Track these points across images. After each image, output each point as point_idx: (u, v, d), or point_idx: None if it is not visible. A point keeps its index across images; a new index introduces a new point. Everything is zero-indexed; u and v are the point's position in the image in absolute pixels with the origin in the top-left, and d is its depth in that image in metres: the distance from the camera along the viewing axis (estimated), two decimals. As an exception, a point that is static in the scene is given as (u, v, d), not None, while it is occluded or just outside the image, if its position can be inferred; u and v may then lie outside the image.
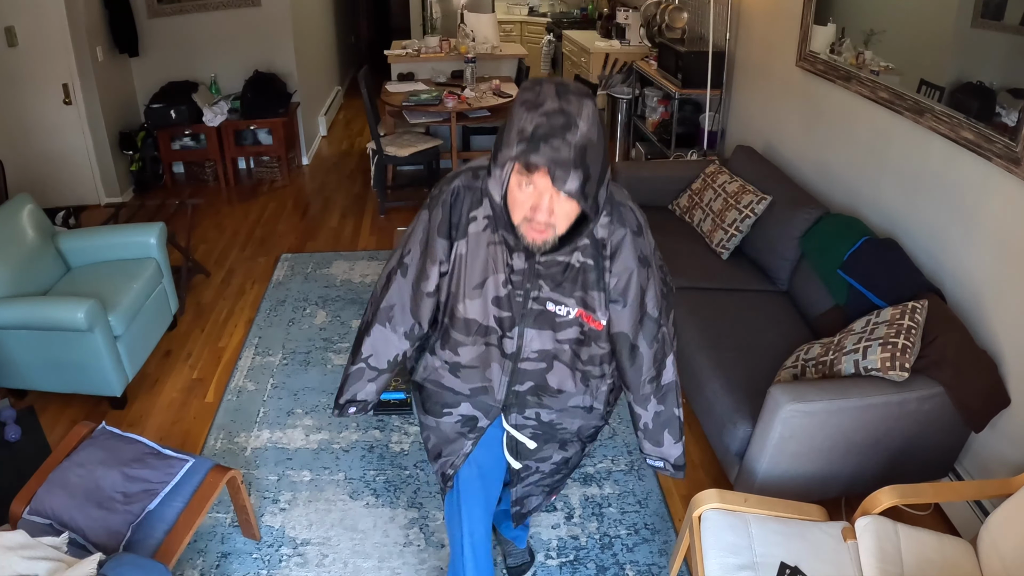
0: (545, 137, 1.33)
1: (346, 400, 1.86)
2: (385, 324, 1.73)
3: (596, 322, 1.64)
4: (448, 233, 1.61)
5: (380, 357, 1.77)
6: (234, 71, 5.60)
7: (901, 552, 1.83)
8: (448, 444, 1.88)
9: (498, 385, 1.75)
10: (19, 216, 3.14)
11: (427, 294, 1.67)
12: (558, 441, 1.91)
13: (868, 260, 2.68)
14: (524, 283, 1.60)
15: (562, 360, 1.71)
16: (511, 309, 1.63)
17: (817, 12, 3.36)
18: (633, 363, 1.71)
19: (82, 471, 2.08)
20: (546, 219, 1.43)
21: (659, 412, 1.79)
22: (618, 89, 5.45)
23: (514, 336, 1.66)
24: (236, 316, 3.78)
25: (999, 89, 2.31)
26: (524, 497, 2.06)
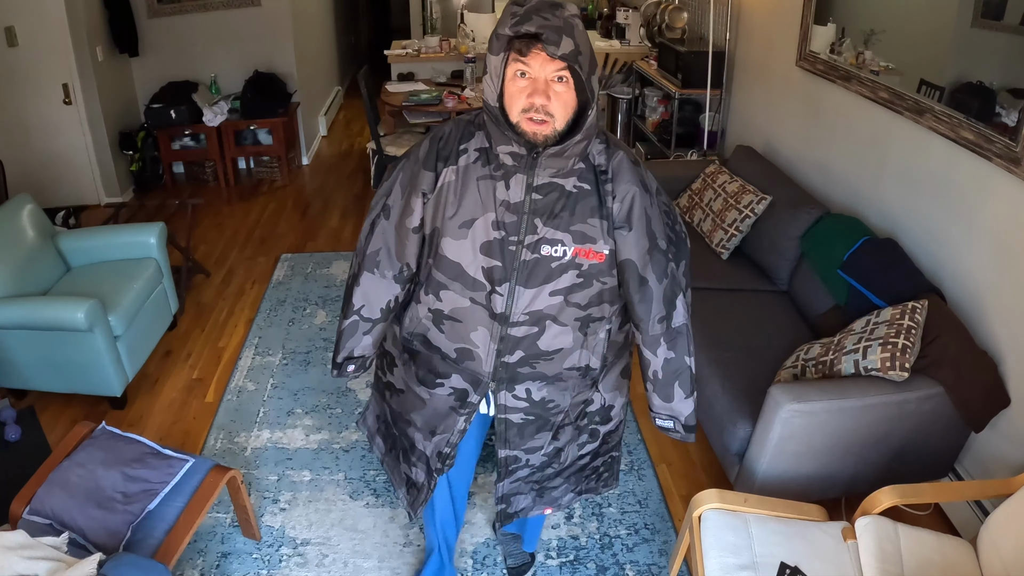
0: (536, 10, 1.39)
1: (344, 358, 1.82)
2: (373, 271, 1.71)
3: (597, 254, 1.58)
4: (434, 165, 1.59)
5: (372, 306, 1.74)
6: (234, 71, 5.60)
7: (901, 552, 1.83)
8: (443, 420, 1.81)
9: (485, 354, 1.68)
10: (19, 216, 3.14)
11: (412, 230, 1.64)
12: (550, 427, 1.83)
13: (868, 260, 2.68)
14: (518, 226, 1.56)
15: (556, 320, 1.64)
16: (502, 258, 1.57)
17: (817, 12, 3.36)
18: (643, 297, 1.64)
19: (82, 471, 2.08)
20: (543, 103, 1.44)
21: (669, 359, 1.73)
22: (618, 89, 5.45)
23: (504, 293, 1.60)
24: (236, 316, 3.78)
25: (999, 89, 2.31)
26: (511, 495, 1.94)
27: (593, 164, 1.57)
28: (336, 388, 3.17)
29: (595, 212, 1.57)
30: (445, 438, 1.83)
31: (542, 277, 1.58)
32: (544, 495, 1.97)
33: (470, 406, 1.77)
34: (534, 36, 1.39)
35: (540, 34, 1.37)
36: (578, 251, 1.57)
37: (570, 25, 1.39)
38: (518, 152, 1.52)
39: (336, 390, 3.16)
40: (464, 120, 1.63)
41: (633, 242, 1.60)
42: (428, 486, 1.91)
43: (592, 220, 1.57)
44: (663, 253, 1.63)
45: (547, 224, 1.56)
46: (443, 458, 1.86)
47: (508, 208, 1.55)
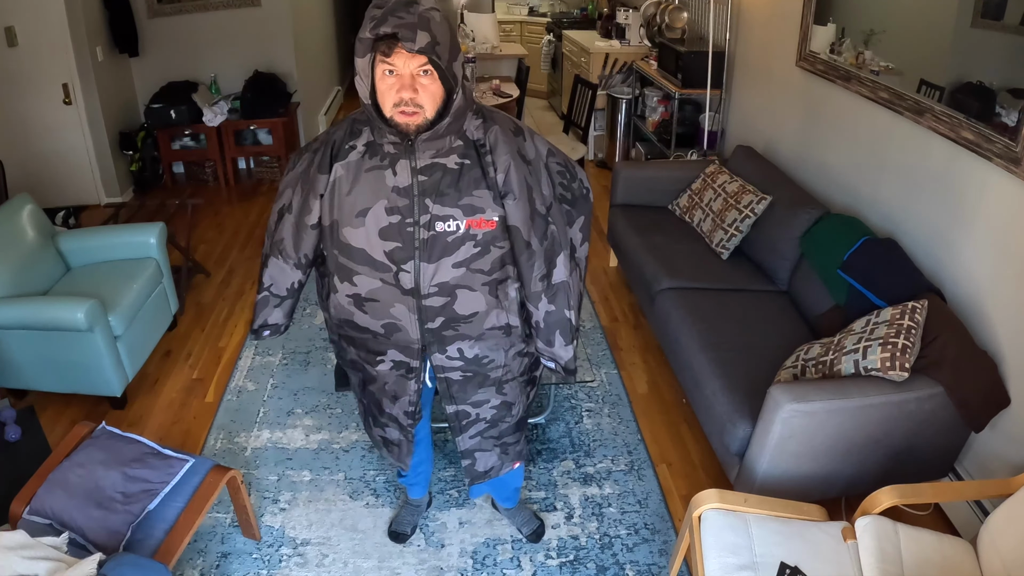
0: (391, 11, 1.48)
1: (259, 325, 1.99)
2: (278, 256, 1.87)
3: (488, 222, 1.71)
4: (328, 168, 1.72)
5: (279, 286, 1.91)
6: (234, 71, 5.60)
7: (901, 552, 1.83)
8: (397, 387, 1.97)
9: (409, 324, 1.81)
10: (19, 216, 3.14)
11: (310, 227, 1.79)
12: (493, 382, 1.96)
13: (868, 260, 2.68)
14: (410, 208, 1.68)
15: (464, 285, 1.76)
16: (401, 239, 1.70)
17: (817, 12, 3.36)
18: (527, 259, 1.78)
19: (82, 471, 2.08)
20: (411, 96, 1.56)
21: (550, 312, 1.86)
22: (618, 89, 5.45)
23: (410, 270, 1.73)
24: (236, 316, 3.78)
25: (999, 89, 2.31)
26: (473, 450, 2.07)
27: (472, 139, 1.70)
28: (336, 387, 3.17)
29: (479, 183, 1.69)
30: (406, 399, 1.98)
31: (440, 251, 1.71)
32: (508, 451, 2.13)
33: (415, 371, 1.92)
34: (392, 36, 1.49)
35: (396, 33, 1.48)
36: (470, 223, 1.70)
37: (425, 19, 1.50)
38: (397, 141, 1.65)
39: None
40: (352, 119, 1.76)
41: (517, 209, 1.72)
42: (406, 439, 2.08)
43: (478, 192, 1.69)
44: (542, 217, 1.77)
45: (436, 202, 1.68)
46: (410, 415, 2.02)
47: (399, 193, 1.68)
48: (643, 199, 3.93)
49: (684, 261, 3.30)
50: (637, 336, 3.59)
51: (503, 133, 1.72)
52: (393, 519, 2.49)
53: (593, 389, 3.18)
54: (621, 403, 3.09)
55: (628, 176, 3.94)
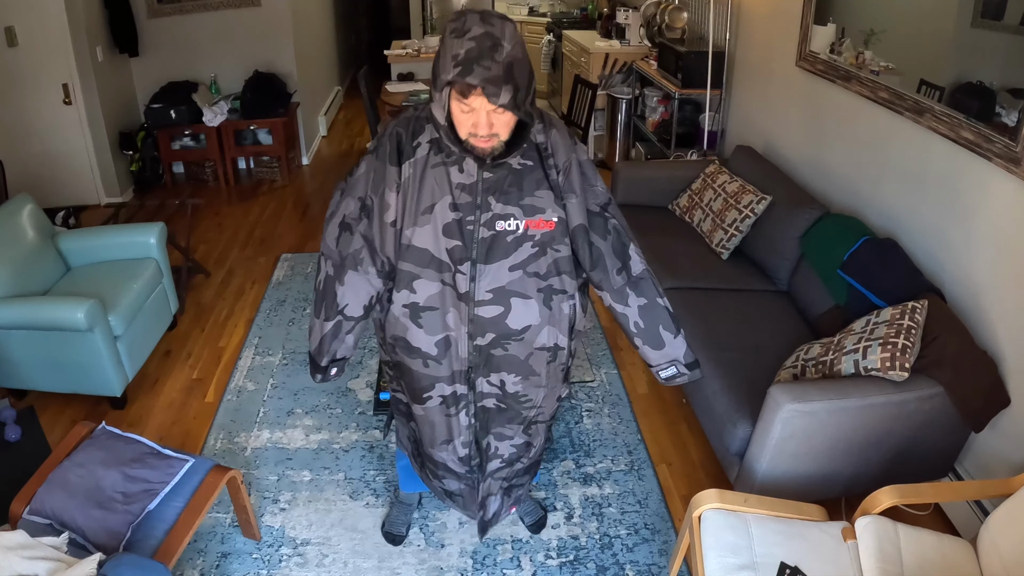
0: (477, 59, 1.47)
1: (328, 361, 1.90)
2: (357, 268, 1.79)
3: (548, 222, 1.72)
4: (398, 160, 1.70)
5: (355, 304, 1.82)
6: (234, 71, 5.60)
7: (901, 552, 1.83)
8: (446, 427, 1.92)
9: (460, 338, 1.78)
10: (19, 216, 3.14)
11: (390, 224, 1.74)
12: (522, 420, 1.94)
13: (868, 260, 2.68)
14: (472, 206, 1.68)
15: (519, 292, 1.75)
16: (461, 238, 1.70)
17: (817, 12, 3.36)
18: (594, 261, 1.80)
19: (82, 471, 2.08)
20: (487, 132, 1.58)
21: (643, 305, 1.84)
22: (618, 89, 5.45)
23: (467, 272, 1.71)
24: (236, 316, 3.78)
25: (999, 89, 2.31)
26: (486, 496, 2.04)
27: (535, 143, 1.71)
28: (336, 388, 3.17)
29: (541, 184, 1.71)
30: (458, 442, 1.93)
31: (500, 252, 1.71)
32: (511, 493, 2.12)
33: (463, 400, 1.87)
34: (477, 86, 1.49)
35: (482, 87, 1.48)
36: (529, 223, 1.71)
37: (509, 69, 1.48)
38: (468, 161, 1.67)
39: (336, 390, 3.16)
40: (413, 116, 1.74)
41: (577, 208, 1.75)
42: (469, 487, 2.03)
43: (539, 192, 1.71)
44: (599, 215, 1.79)
45: (499, 200, 1.69)
46: (465, 461, 1.96)
47: (463, 189, 1.68)
48: (643, 199, 3.93)
49: (684, 261, 3.30)
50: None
51: (561, 136, 1.74)
52: (385, 519, 2.48)
53: (593, 389, 3.18)
54: (621, 403, 3.09)
55: (628, 176, 3.94)
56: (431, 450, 1.99)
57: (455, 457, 1.96)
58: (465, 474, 1.99)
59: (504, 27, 1.50)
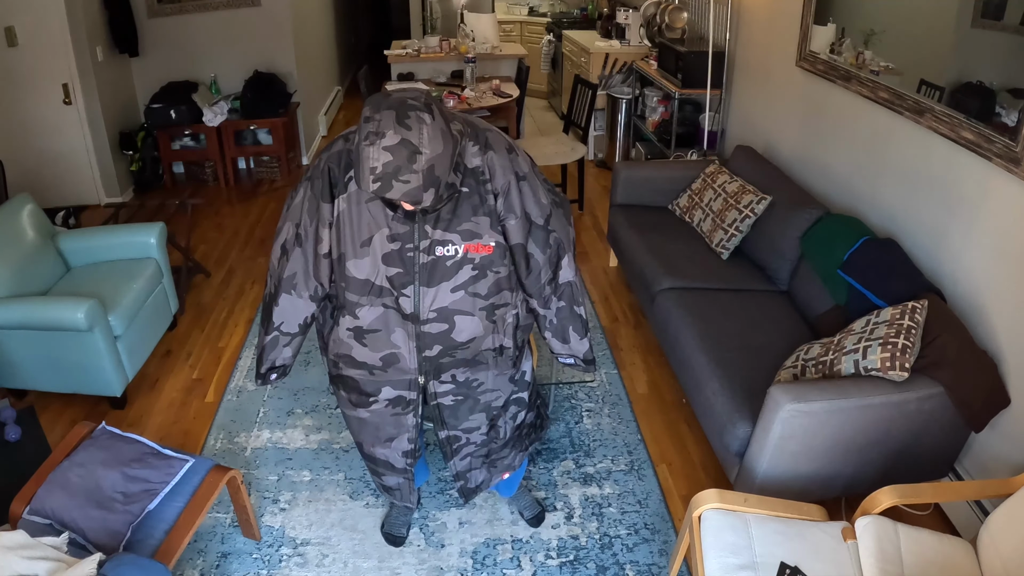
0: (395, 174, 1.45)
1: (267, 368, 2.00)
2: (291, 291, 1.86)
3: (486, 247, 1.76)
4: (330, 196, 1.73)
5: (291, 323, 1.91)
6: (234, 71, 5.60)
7: (901, 552, 1.83)
8: (391, 427, 2.00)
9: (407, 353, 1.85)
10: (19, 216, 3.14)
11: (323, 256, 1.80)
12: (483, 407, 2.02)
13: (868, 260, 2.68)
14: (410, 235, 1.72)
15: (462, 311, 1.80)
16: (402, 265, 1.74)
17: (817, 12, 3.36)
18: (530, 272, 1.86)
19: (82, 471, 2.08)
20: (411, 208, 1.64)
21: (560, 308, 1.95)
22: (618, 89, 5.45)
23: (410, 295, 1.77)
24: (236, 316, 3.78)
25: (999, 89, 2.31)
26: (465, 472, 2.14)
27: (471, 167, 1.72)
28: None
29: (478, 210, 1.73)
30: (404, 438, 2.02)
31: (440, 276, 1.75)
32: (497, 465, 2.18)
33: (412, 404, 1.95)
34: None
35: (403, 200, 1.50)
36: (468, 248, 1.74)
37: (430, 173, 1.47)
38: None
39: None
40: (343, 149, 1.74)
41: (517, 228, 1.79)
42: (407, 479, 2.13)
43: (476, 218, 1.73)
44: (542, 228, 1.83)
45: (436, 227, 1.72)
46: (408, 454, 2.06)
47: (399, 220, 1.71)
48: (643, 199, 3.93)
49: (684, 261, 3.30)
50: (637, 336, 3.59)
51: (499, 156, 1.74)
52: (385, 520, 2.49)
53: (593, 389, 3.18)
54: (621, 403, 3.09)
55: (628, 176, 3.94)
56: (372, 450, 2.08)
57: (397, 454, 2.06)
58: (405, 467, 2.09)
59: (421, 126, 1.45)
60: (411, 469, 2.09)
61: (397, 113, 1.45)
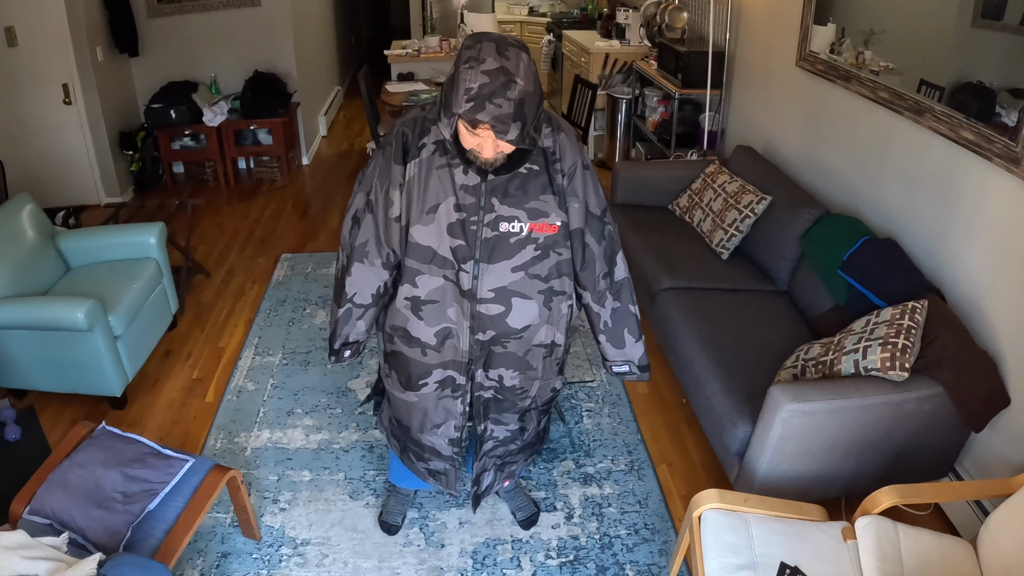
0: (489, 96, 1.48)
1: (340, 344, 1.97)
2: (363, 260, 1.85)
3: (551, 226, 1.76)
4: (403, 159, 1.74)
5: (364, 293, 1.89)
6: (234, 71, 5.60)
7: (901, 552, 1.83)
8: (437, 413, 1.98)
9: (461, 332, 1.84)
10: (19, 216, 3.14)
11: (394, 219, 1.79)
12: (518, 410, 2.02)
13: (868, 260, 2.68)
14: (476, 207, 1.72)
15: (521, 292, 1.80)
16: (465, 237, 1.73)
17: (817, 12, 3.36)
18: (584, 262, 1.86)
19: (82, 471, 2.08)
20: (492, 155, 1.63)
21: (616, 308, 1.94)
22: (618, 89, 5.45)
23: (469, 270, 1.76)
24: (236, 316, 3.78)
25: (999, 89, 2.31)
26: (480, 473, 2.14)
27: (542, 147, 1.73)
28: (336, 388, 3.17)
29: (546, 189, 1.74)
30: (451, 425, 2.00)
31: (503, 253, 1.75)
32: (504, 469, 2.19)
33: (461, 389, 1.94)
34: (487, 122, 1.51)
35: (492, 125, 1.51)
36: (533, 226, 1.74)
37: (520, 107, 1.51)
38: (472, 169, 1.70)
39: (336, 390, 3.16)
40: (419, 117, 1.76)
41: (578, 213, 1.79)
42: (453, 466, 2.10)
43: (544, 196, 1.73)
44: (598, 219, 1.84)
45: (503, 203, 1.72)
46: (455, 443, 2.03)
47: (467, 191, 1.71)
48: (643, 199, 3.93)
49: (684, 261, 3.30)
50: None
51: (569, 139, 1.77)
52: (383, 509, 2.49)
53: (593, 389, 3.18)
54: (621, 403, 3.09)
55: (628, 176, 3.94)
56: (420, 435, 2.06)
57: (445, 440, 2.04)
58: (452, 455, 2.07)
59: (519, 60, 1.52)
60: (458, 457, 2.08)
61: (498, 45, 1.52)
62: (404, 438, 2.13)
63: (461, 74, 1.51)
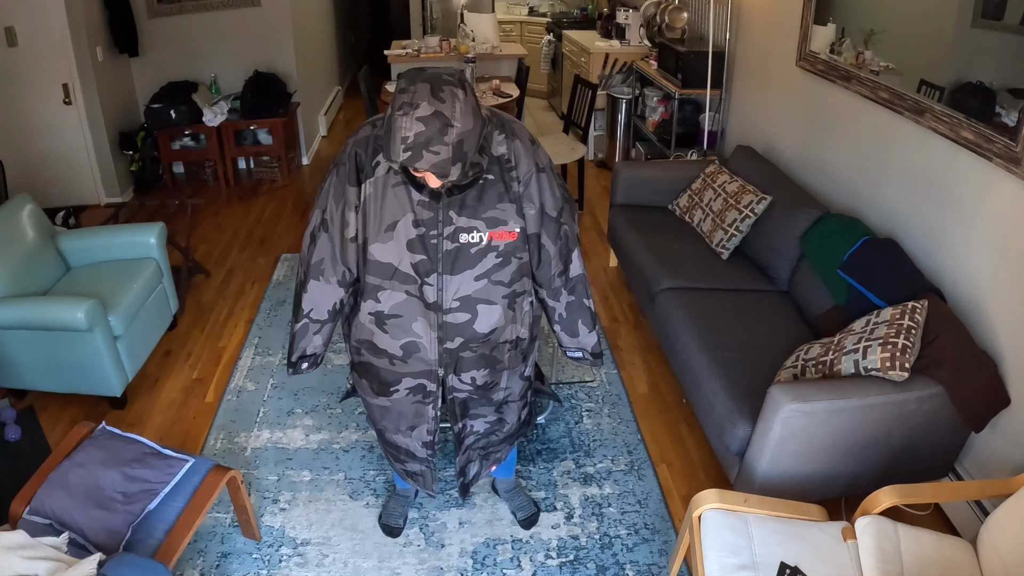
0: (426, 144, 1.47)
1: (298, 357, 2.00)
2: (319, 278, 1.87)
3: (510, 233, 1.78)
4: (356, 180, 1.75)
5: (320, 309, 1.91)
6: (234, 71, 5.60)
7: (901, 552, 1.83)
8: (412, 417, 2.03)
9: (428, 343, 1.87)
10: (19, 216, 3.14)
11: (350, 240, 1.81)
12: (493, 404, 2.07)
13: (868, 260, 2.68)
14: (435, 221, 1.73)
15: (485, 299, 1.82)
16: (425, 252, 1.75)
17: (817, 12, 3.36)
18: (540, 262, 1.89)
19: (82, 471, 2.08)
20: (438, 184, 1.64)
21: (571, 302, 1.99)
22: (618, 89, 5.45)
23: (433, 283, 1.78)
24: (236, 316, 3.78)
25: (999, 89, 2.31)
26: (465, 465, 2.18)
27: (496, 155, 1.74)
28: (336, 388, 3.17)
29: (503, 197, 1.75)
30: (424, 429, 2.05)
31: (465, 263, 1.77)
32: (489, 458, 2.22)
33: (432, 395, 1.97)
34: None
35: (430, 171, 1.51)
36: (492, 235, 1.76)
37: (459, 148, 1.49)
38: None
39: (336, 390, 3.16)
40: (371, 136, 1.76)
41: (534, 218, 1.81)
42: (429, 467, 2.15)
43: (502, 204, 1.75)
44: (554, 220, 1.85)
45: (461, 214, 1.73)
46: (428, 445, 2.08)
47: (424, 206, 1.72)
48: (643, 199, 3.93)
49: (684, 261, 3.30)
50: (637, 336, 3.59)
51: (523, 145, 1.78)
52: (383, 511, 2.50)
53: (593, 389, 3.18)
54: (621, 403, 3.09)
55: (628, 176, 3.94)
56: (394, 437, 2.10)
57: (418, 443, 2.08)
58: (427, 457, 2.11)
59: (455, 101, 1.48)
60: (432, 459, 2.12)
61: (432, 86, 1.49)
62: (381, 439, 2.19)
63: (396, 121, 1.47)
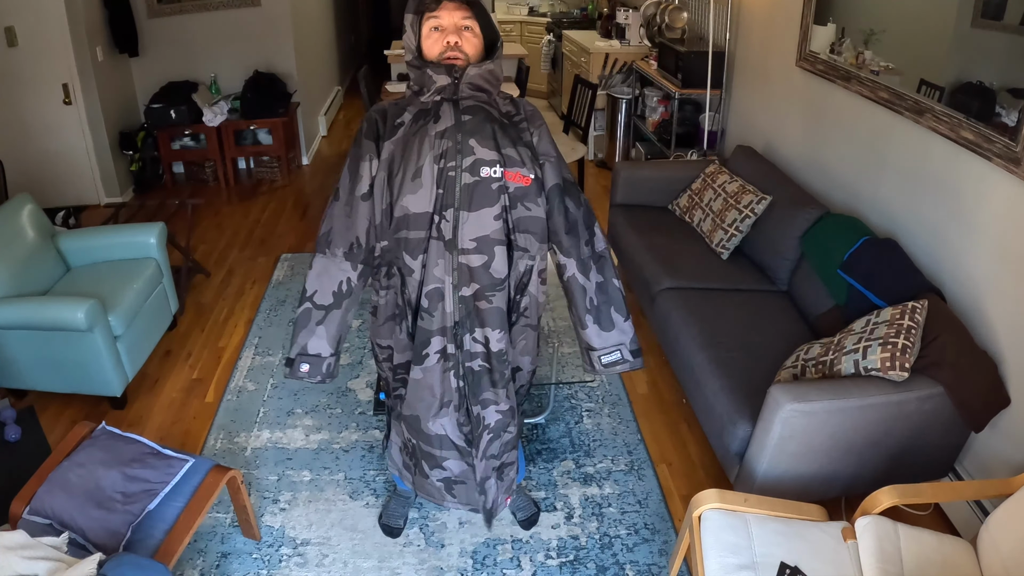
0: None
1: (297, 353, 1.85)
2: (325, 251, 1.79)
3: (525, 178, 1.73)
4: (375, 136, 1.74)
5: (325, 290, 1.80)
6: (234, 71, 5.60)
7: (901, 552, 1.83)
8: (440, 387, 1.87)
9: (447, 289, 1.75)
10: (19, 216, 3.14)
11: (361, 197, 1.75)
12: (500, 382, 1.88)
13: (868, 260, 2.68)
14: (454, 151, 1.68)
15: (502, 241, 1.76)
16: (443, 186, 1.70)
17: (817, 12, 3.36)
18: (568, 223, 1.84)
19: (82, 471, 2.08)
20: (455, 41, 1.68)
21: (600, 283, 1.90)
22: (618, 89, 5.45)
23: (449, 219, 1.70)
24: (236, 316, 3.78)
25: (999, 89, 2.31)
26: (484, 479, 1.98)
27: (503, 111, 1.77)
28: (336, 388, 3.17)
29: (517, 142, 1.74)
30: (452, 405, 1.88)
31: (481, 199, 1.70)
32: (503, 476, 2.04)
33: (452, 358, 1.83)
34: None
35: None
36: (507, 174, 1.71)
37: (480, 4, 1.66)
38: (443, 84, 1.70)
39: (336, 390, 3.16)
40: (393, 103, 1.80)
41: (553, 169, 1.80)
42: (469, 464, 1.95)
43: (519, 147, 1.73)
44: (574, 185, 1.85)
45: (481, 144, 1.69)
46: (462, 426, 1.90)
47: (441, 136, 1.69)
48: (643, 199, 3.93)
49: (684, 261, 3.30)
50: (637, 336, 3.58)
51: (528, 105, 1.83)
52: (383, 511, 2.49)
53: (593, 389, 3.18)
54: (621, 403, 3.09)
55: (628, 176, 3.94)
56: (429, 424, 1.91)
57: (453, 423, 1.90)
58: (464, 447, 1.93)
59: None
60: (471, 452, 1.92)
61: None
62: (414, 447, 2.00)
63: None
